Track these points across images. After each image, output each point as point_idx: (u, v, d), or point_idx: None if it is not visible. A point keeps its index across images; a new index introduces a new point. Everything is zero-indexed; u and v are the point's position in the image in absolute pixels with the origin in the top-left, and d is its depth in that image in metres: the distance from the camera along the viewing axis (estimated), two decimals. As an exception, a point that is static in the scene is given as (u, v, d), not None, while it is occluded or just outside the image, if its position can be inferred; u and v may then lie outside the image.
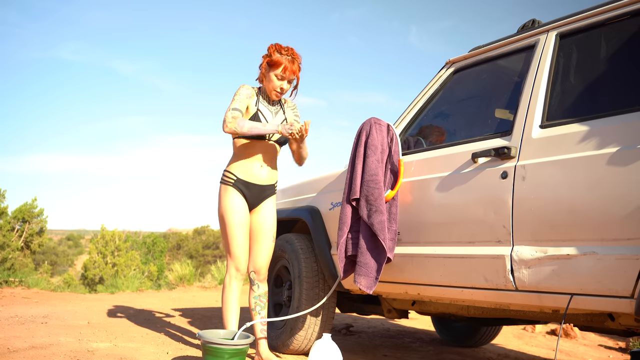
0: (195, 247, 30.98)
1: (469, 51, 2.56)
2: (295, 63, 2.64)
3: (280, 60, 2.61)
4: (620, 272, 1.68)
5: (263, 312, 2.71)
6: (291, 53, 2.64)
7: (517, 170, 2.00)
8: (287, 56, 2.62)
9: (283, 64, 2.61)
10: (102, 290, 8.23)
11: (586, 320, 2.05)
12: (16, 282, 6.92)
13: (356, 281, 2.36)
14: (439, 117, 2.65)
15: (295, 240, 3.05)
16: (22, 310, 4.18)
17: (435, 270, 2.25)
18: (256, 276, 2.71)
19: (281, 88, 2.66)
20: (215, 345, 2.19)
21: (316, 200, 3.01)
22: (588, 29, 2.05)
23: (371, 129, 2.47)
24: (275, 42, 2.68)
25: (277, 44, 2.66)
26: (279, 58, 2.61)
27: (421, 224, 2.36)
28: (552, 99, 2.05)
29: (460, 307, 2.52)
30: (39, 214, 21.53)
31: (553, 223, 1.87)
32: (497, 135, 2.18)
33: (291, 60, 2.62)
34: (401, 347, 3.62)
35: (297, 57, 2.66)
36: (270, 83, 2.66)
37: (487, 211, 2.08)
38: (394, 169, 2.46)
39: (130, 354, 2.62)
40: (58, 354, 2.52)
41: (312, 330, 2.89)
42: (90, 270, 20.45)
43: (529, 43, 2.25)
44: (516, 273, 1.96)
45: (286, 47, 2.65)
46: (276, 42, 2.68)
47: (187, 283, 8.13)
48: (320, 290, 2.89)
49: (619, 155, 1.72)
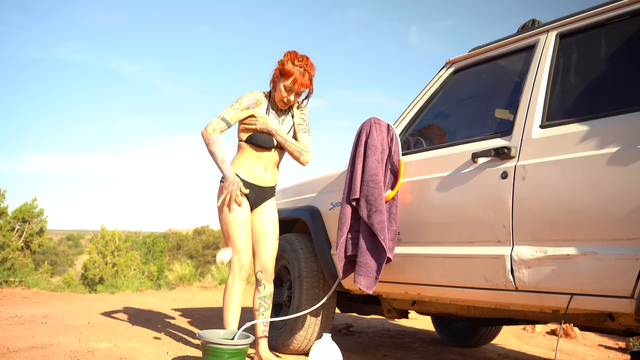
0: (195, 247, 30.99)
1: (469, 51, 2.56)
2: (306, 75, 2.59)
3: (292, 71, 2.56)
4: (620, 272, 1.68)
5: (266, 313, 2.71)
6: (304, 64, 2.58)
7: (517, 170, 2.00)
8: (299, 68, 2.57)
9: (293, 76, 2.56)
10: (102, 290, 8.24)
11: (586, 320, 2.05)
12: (16, 282, 6.92)
13: (356, 281, 2.36)
14: (439, 117, 2.65)
15: (295, 240, 3.05)
16: (22, 310, 4.18)
17: (435, 270, 2.25)
18: (263, 275, 2.71)
19: (288, 99, 2.64)
20: (215, 345, 2.19)
21: (316, 200, 3.01)
22: (588, 29, 2.05)
23: (371, 129, 2.47)
24: (292, 50, 2.63)
25: (292, 53, 2.61)
26: (291, 69, 2.56)
27: (421, 224, 2.36)
28: (552, 99, 2.05)
29: (460, 307, 2.52)
30: (39, 214, 21.55)
31: (553, 223, 1.87)
32: (497, 135, 2.18)
33: (302, 72, 2.57)
34: (401, 347, 3.62)
35: (310, 69, 2.60)
36: (278, 92, 2.63)
37: (487, 211, 2.08)
38: (394, 169, 2.46)
39: (130, 354, 2.62)
40: (58, 354, 2.52)
41: (312, 330, 2.90)
42: (90, 270, 20.47)
43: (529, 43, 2.25)
44: (516, 273, 1.96)
45: (301, 57, 2.59)
46: (293, 50, 2.63)
47: (187, 283, 8.13)
48: (320, 290, 2.89)
49: (619, 155, 1.72)
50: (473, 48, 2.55)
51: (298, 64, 2.57)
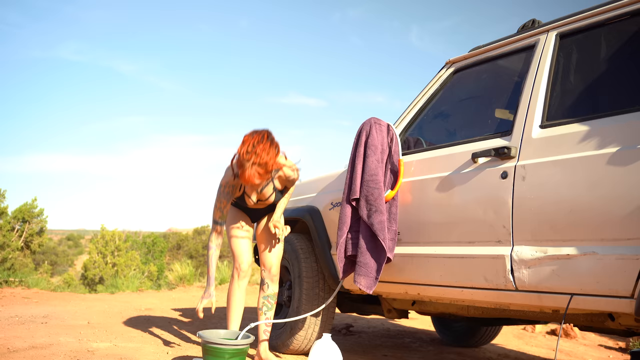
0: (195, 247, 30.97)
1: (469, 51, 2.56)
2: (254, 169, 2.31)
3: (241, 170, 2.34)
4: (620, 272, 1.68)
5: (269, 313, 2.71)
6: (252, 157, 2.29)
7: (517, 170, 2.00)
8: (248, 162, 2.30)
9: (243, 176, 2.33)
10: (102, 290, 8.23)
11: (586, 320, 2.05)
12: (16, 282, 6.92)
13: (356, 281, 2.36)
14: (439, 117, 2.65)
15: (295, 240, 3.05)
16: (22, 310, 4.18)
17: (435, 270, 2.25)
18: (267, 274, 2.72)
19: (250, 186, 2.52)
20: (216, 345, 2.19)
21: (316, 200, 3.01)
22: (588, 29, 2.05)
23: (371, 129, 2.47)
24: (248, 134, 2.38)
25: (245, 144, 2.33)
26: (240, 166, 2.34)
27: (421, 224, 2.36)
28: (552, 99, 2.05)
29: (460, 307, 2.52)
30: (39, 214, 21.52)
31: (553, 223, 1.87)
32: (497, 135, 2.18)
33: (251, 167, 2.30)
34: (401, 347, 3.62)
35: (260, 158, 2.30)
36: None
37: (487, 211, 2.08)
38: (394, 169, 2.46)
39: (130, 354, 2.62)
40: (58, 354, 2.52)
41: (312, 330, 2.90)
42: (90, 270, 20.46)
43: (529, 43, 2.25)
44: (516, 273, 1.96)
45: (252, 148, 2.31)
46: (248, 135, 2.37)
47: (187, 283, 8.13)
48: (320, 290, 2.89)
49: (619, 155, 1.72)
50: (473, 48, 2.54)
51: (247, 158, 2.31)
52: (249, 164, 2.30)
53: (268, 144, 2.34)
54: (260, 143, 2.33)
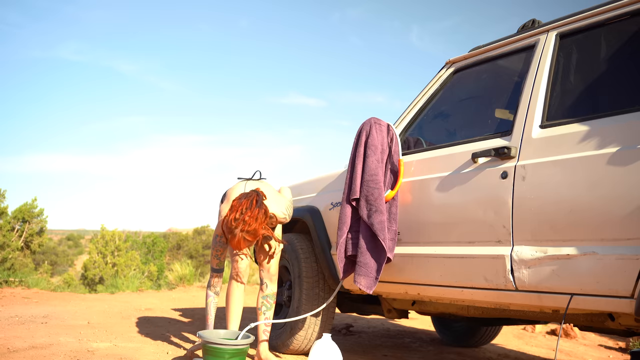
0: (195, 247, 30.97)
1: (469, 51, 2.56)
2: (241, 235, 2.31)
3: (227, 234, 2.34)
4: (620, 272, 1.68)
5: (268, 312, 2.72)
6: (240, 225, 2.29)
7: (517, 170, 2.00)
8: (236, 228, 2.30)
9: (230, 240, 2.34)
10: (102, 290, 8.23)
11: (586, 320, 2.05)
12: (16, 282, 6.92)
13: (356, 281, 2.36)
14: (439, 117, 2.65)
15: (295, 240, 3.05)
16: (22, 310, 4.18)
17: (435, 270, 2.25)
18: (266, 274, 2.73)
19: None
20: (216, 345, 2.19)
21: (316, 200, 3.01)
22: (588, 29, 2.05)
23: (371, 129, 2.47)
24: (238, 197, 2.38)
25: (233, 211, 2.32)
26: (228, 229, 2.33)
27: (421, 224, 2.36)
28: (552, 99, 2.06)
29: (460, 307, 2.53)
30: (39, 214, 21.52)
31: (553, 223, 1.87)
32: (497, 135, 2.18)
33: (239, 232, 2.30)
34: (401, 347, 3.62)
35: (250, 229, 2.31)
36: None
37: (487, 211, 2.08)
38: (394, 169, 2.46)
39: (130, 354, 2.62)
40: (58, 354, 2.52)
41: (312, 330, 2.90)
42: (90, 270, 20.45)
43: (529, 43, 2.25)
44: (516, 273, 1.96)
45: (239, 218, 2.30)
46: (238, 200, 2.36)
47: (187, 283, 8.13)
48: (320, 290, 2.89)
49: (619, 155, 1.72)
50: (473, 48, 2.55)
51: (235, 225, 2.30)
52: (237, 230, 2.31)
53: (257, 210, 2.34)
54: (248, 210, 2.33)
